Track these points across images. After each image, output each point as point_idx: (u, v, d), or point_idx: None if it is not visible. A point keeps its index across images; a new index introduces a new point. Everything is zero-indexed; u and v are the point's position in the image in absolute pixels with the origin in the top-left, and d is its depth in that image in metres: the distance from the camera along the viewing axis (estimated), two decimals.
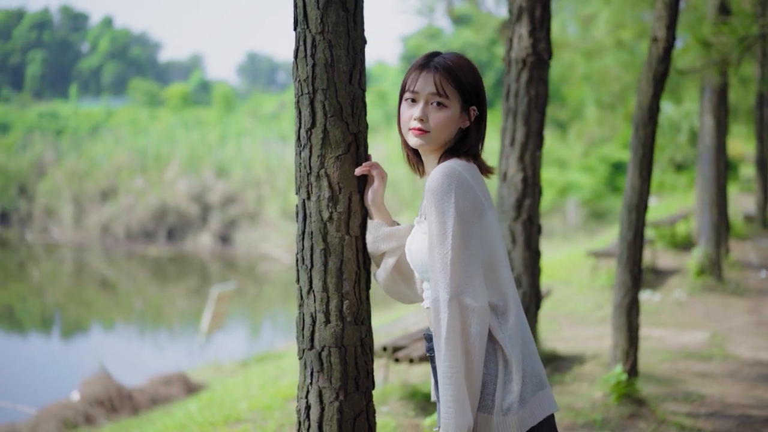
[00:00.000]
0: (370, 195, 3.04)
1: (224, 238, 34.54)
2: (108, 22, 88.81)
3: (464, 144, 2.90)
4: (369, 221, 3.05)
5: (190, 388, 11.44)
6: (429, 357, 2.92)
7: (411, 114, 2.86)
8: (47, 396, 11.69)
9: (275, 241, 31.60)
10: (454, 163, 2.76)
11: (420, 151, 2.94)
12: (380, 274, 3.08)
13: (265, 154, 37.92)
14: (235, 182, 36.05)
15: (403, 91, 2.91)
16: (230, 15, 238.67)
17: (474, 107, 2.90)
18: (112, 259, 31.98)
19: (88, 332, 20.91)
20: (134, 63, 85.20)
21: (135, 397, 11.04)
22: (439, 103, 2.82)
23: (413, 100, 2.86)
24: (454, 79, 2.83)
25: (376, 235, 3.02)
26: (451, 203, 2.68)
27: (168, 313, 23.17)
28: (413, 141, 2.86)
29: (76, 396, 10.86)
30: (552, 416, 2.86)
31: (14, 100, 68.46)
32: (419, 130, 2.83)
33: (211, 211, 35.30)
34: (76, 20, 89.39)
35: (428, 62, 2.87)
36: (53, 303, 24.89)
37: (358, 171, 3.02)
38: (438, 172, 2.73)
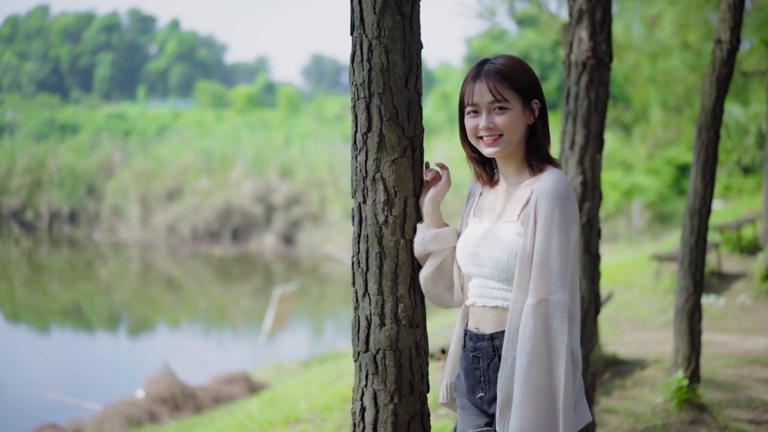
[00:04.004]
0: (431, 192, 3.01)
1: (288, 239, 34.75)
2: (175, 25, 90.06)
3: (536, 142, 2.90)
4: (417, 224, 3.02)
5: (252, 388, 11.55)
6: (474, 357, 2.92)
7: (476, 125, 2.86)
8: (113, 393, 11.89)
9: (338, 242, 31.69)
10: (561, 173, 2.80)
11: (496, 158, 2.94)
12: (422, 275, 3.05)
13: (328, 156, 38.08)
14: (298, 183, 36.25)
15: (462, 105, 2.92)
16: (296, 17, 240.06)
17: (536, 100, 2.89)
18: (178, 259, 32.35)
19: (154, 331, 21.20)
20: (201, 65, 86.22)
21: (198, 395, 11.17)
22: (500, 107, 2.82)
23: (475, 112, 2.87)
24: (508, 80, 2.82)
25: (423, 237, 2.99)
26: (574, 212, 2.71)
27: (232, 313, 23.38)
28: (488, 151, 2.86)
29: (140, 393, 11.02)
30: (583, 428, 2.90)
31: (84, 101, 69.90)
32: (490, 137, 2.84)
33: (275, 211, 35.54)
34: (144, 23, 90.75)
35: (480, 72, 2.87)
36: (120, 301, 25.27)
37: (428, 176, 3.03)
38: (557, 178, 2.75)
